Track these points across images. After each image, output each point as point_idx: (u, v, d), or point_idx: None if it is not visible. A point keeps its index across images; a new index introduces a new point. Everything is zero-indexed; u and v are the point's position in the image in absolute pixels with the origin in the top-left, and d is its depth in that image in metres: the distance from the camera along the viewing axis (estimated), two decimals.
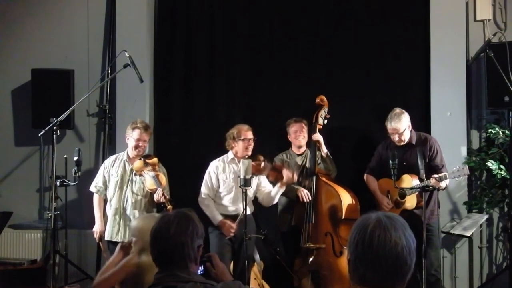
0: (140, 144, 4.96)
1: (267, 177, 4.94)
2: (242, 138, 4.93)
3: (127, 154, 5.04)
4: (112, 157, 5.15)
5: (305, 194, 5.00)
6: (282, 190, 4.93)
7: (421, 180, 4.64)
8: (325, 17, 5.70)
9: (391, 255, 1.62)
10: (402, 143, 4.81)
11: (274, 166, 4.89)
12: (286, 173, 4.81)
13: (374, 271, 1.63)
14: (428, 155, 4.79)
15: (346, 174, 5.31)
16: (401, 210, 4.75)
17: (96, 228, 5.07)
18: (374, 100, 5.52)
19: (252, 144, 4.96)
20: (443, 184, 4.61)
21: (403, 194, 4.75)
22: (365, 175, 5.08)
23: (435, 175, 4.55)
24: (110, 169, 5.04)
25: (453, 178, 4.62)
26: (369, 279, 1.64)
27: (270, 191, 4.97)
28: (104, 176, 5.05)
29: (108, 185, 5.04)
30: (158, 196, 4.71)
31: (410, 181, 4.70)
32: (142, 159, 4.90)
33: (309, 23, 5.71)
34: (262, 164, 4.80)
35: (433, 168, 4.72)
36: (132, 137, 4.95)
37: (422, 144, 4.82)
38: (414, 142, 4.83)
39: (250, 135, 4.96)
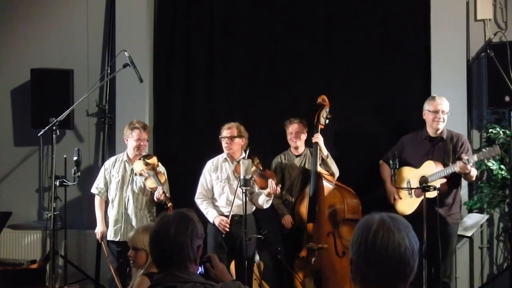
0: (142, 144, 5.01)
1: (254, 182, 4.73)
2: (221, 136, 4.99)
3: (127, 154, 5.06)
4: (112, 159, 5.17)
5: (287, 223, 5.06)
6: (269, 199, 4.84)
7: (445, 166, 4.54)
8: (326, 17, 5.69)
9: (394, 256, 1.61)
10: (439, 129, 4.72)
11: (262, 173, 4.75)
12: (271, 184, 4.68)
13: (377, 271, 1.62)
14: (459, 152, 4.68)
15: (348, 174, 5.29)
16: (422, 201, 4.56)
17: (98, 229, 5.07)
18: (374, 100, 5.51)
19: (232, 142, 4.93)
20: (469, 168, 4.43)
21: (424, 181, 4.58)
22: (381, 161, 4.98)
23: (464, 156, 4.42)
24: (111, 170, 5.07)
25: (483, 159, 4.48)
26: (371, 279, 1.63)
27: (260, 196, 4.88)
28: (105, 178, 5.09)
29: (109, 186, 5.08)
30: (158, 194, 4.75)
31: (433, 167, 4.59)
32: (142, 159, 4.92)
33: (310, 22, 5.70)
34: (253, 168, 4.66)
35: None
36: (132, 137, 4.99)
37: (453, 140, 4.74)
38: (444, 137, 4.76)
39: (227, 133, 4.96)
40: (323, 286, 4.91)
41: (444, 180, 4.53)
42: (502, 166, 5.01)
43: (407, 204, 4.73)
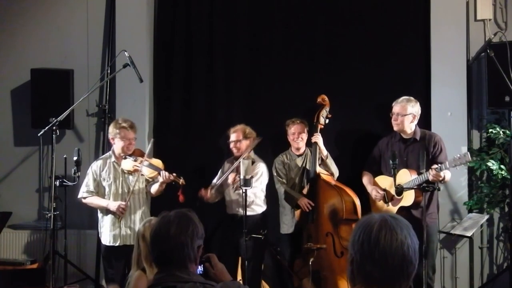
0: (131, 143, 4.84)
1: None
2: (228, 140, 5.04)
3: (114, 155, 4.89)
4: (99, 162, 4.95)
5: (305, 204, 4.98)
6: None
7: (420, 171, 4.54)
8: (326, 17, 5.69)
9: (398, 254, 1.62)
10: (397, 128, 4.75)
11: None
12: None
13: (381, 270, 1.63)
14: (432, 152, 4.68)
15: (347, 174, 5.29)
16: (398, 208, 4.66)
17: (113, 204, 4.76)
18: (374, 100, 5.50)
19: (238, 145, 5.00)
20: (442, 174, 4.43)
21: (400, 190, 4.65)
22: (363, 171, 5.03)
23: (434, 166, 4.41)
24: (101, 173, 4.88)
25: (454, 167, 4.44)
26: (375, 278, 1.64)
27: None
28: (95, 180, 4.88)
29: (99, 189, 4.89)
30: (165, 177, 4.64)
31: (408, 175, 4.60)
32: (127, 157, 4.80)
33: (310, 23, 5.69)
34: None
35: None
36: (119, 137, 4.80)
37: (426, 140, 4.72)
38: (418, 138, 4.75)
39: (233, 137, 5.03)
40: (322, 286, 4.90)
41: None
42: (502, 166, 5.01)
43: (384, 212, 4.70)
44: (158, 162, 4.80)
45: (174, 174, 4.67)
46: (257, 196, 4.95)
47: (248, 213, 4.81)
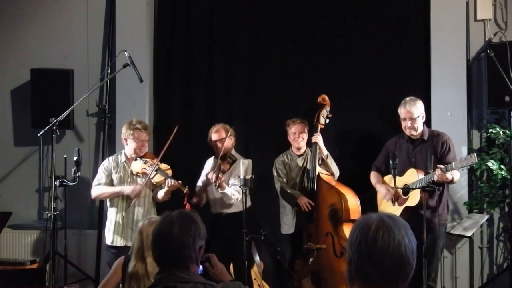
0: (144, 145, 4.87)
1: (222, 165, 4.98)
2: (210, 140, 5.12)
3: (125, 155, 4.92)
4: (111, 159, 5.00)
5: (305, 203, 4.96)
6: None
7: (427, 171, 4.50)
8: (326, 17, 5.69)
9: (395, 254, 1.62)
10: (414, 133, 4.69)
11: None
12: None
13: (378, 270, 1.63)
14: (440, 152, 4.63)
15: (347, 174, 5.29)
16: (404, 208, 4.63)
17: (129, 189, 4.77)
18: (374, 100, 5.51)
19: (221, 144, 5.00)
20: (449, 176, 4.39)
21: (406, 190, 4.62)
22: (371, 173, 4.99)
23: (441, 166, 4.36)
24: (111, 169, 4.92)
25: (460, 168, 4.39)
26: (373, 278, 1.63)
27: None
28: (108, 176, 4.90)
29: (110, 185, 4.91)
30: (170, 184, 4.66)
31: (415, 175, 4.57)
32: (138, 159, 4.82)
33: (310, 23, 5.70)
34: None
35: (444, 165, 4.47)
36: (132, 138, 4.82)
37: (434, 140, 4.68)
38: (425, 138, 4.71)
39: (216, 136, 5.06)
40: (321, 286, 4.90)
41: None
42: (502, 166, 5.00)
43: (390, 212, 4.68)
44: (168, 169, 4.81)
45: (180, 182, 4.67)
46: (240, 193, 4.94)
47: (232, 210, 4.92)
